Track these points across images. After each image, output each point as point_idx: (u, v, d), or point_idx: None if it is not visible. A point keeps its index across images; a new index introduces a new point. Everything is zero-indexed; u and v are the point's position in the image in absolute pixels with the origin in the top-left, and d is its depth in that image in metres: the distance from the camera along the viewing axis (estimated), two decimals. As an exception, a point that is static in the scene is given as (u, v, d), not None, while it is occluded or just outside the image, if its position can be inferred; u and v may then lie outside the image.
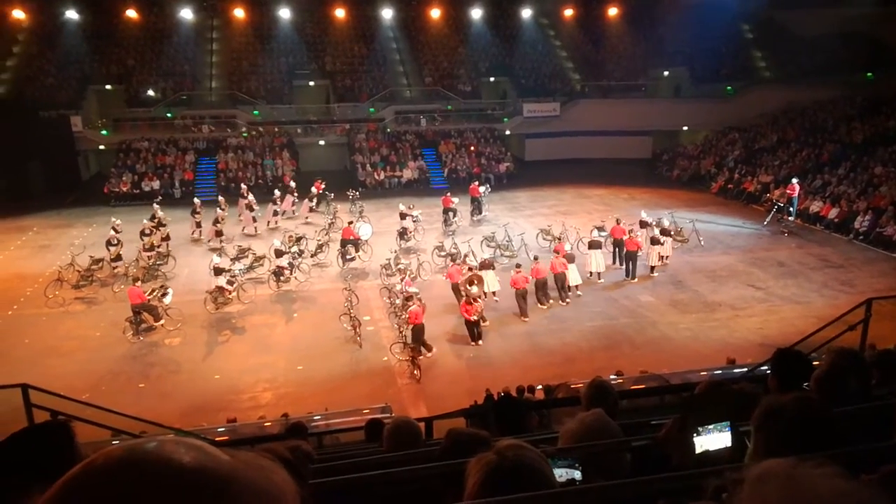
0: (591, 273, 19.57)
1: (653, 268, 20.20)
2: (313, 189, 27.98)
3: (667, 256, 20.75)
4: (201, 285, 18.89)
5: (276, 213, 26.23)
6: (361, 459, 4.11)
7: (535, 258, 18.50)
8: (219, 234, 23.10)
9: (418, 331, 15.03)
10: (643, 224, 21.64)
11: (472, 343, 15.88)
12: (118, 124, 34.97)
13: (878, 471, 1.68)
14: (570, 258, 18.57)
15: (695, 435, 2.35)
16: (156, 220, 23.16)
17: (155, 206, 24.44)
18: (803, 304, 17.97)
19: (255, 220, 25.13)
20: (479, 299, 16.07)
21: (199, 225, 24.28)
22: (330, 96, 38.64)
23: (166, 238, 22.44)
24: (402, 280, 17.19)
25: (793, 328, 15.11)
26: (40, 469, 1.71)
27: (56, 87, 34.62)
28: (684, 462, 2.34)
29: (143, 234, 21.68)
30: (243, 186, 27.21)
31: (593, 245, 19.72)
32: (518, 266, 17.81)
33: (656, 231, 20.58)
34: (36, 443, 2.07)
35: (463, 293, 16.30)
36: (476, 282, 16.41)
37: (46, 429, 2.25)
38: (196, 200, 24.91)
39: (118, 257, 20.58)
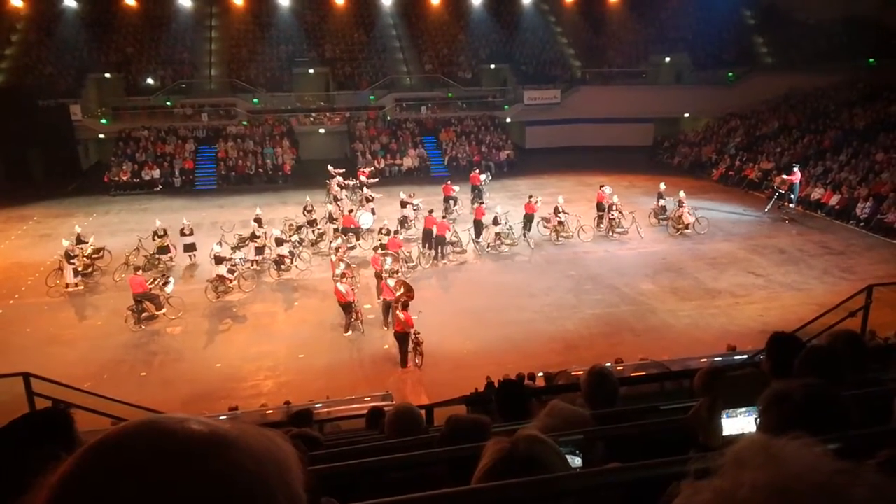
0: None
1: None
2: (362, 178, 27.45)
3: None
4: (202, 274, 18.91)
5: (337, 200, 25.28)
6: (362, 446, 4.13)
7: (430, 211, 21.42)
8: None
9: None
10: (661, 195, 24.10)
11: (402, 367, 14.33)
12: (117, 113, 34.88)
13: (877, 455, 1.67)
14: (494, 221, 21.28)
15: (723, 417, 2.35)
16: (81, 243, 20.16)
17: (76, 228, 21.16)
18: (804, 290, 17.97)
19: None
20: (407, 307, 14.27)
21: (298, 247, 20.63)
22: (330, 84, 38.49)
23: (98, 252, 20.35)
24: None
25: (793, 315, 15.10)
26: (39, 454, 1.72)
27: (55, 76, 34.47)
28: (711, 443, 2.36)
29: (70, 257, 18.71)
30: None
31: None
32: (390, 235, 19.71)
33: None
34: (35, 429, 2.08)
35: (396, 304, 14.48)
36: (404, 289, 14.60)
37: (46, 415, 2.26)
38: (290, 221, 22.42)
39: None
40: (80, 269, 19.03)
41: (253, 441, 0.79)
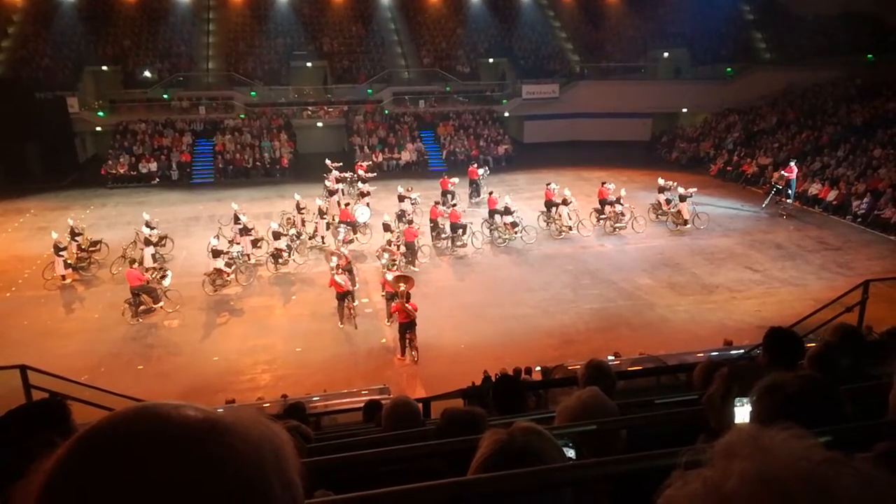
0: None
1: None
2: (359, 172, 27.36)
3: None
4: (200, 267, 18.88)
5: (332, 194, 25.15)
6: (358, 439, 4.13)
7: (435, 203, 22.25)
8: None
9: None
10: (661, 189, 23.90)
11: (399, 357, 14.59)
12: (115, 106, 34.71)
13: (872, 449, 1.68)
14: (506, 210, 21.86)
15: (737, 405, 2.35)
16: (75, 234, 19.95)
17: (69, 221, 20.65)
18: (801, 286, 18.00)
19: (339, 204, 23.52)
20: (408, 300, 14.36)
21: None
22: (328, 77, 38.38)
23: (95, 245, 20.28)
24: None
25: (790, 310, 15.12)
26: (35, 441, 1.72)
27: (52, 69, 34.28)
28: (723, 430, 2.36)
29: (58, 249, 18.43)
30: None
31: None
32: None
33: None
34: (32, 418, 2.08)
35: (402, 297, 14.37)
36: (404, 282, 14.70)
37: (43, 405, 2.25)
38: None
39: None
40: (69, 261, 18.87)
41: (249, 427, 0.80)
